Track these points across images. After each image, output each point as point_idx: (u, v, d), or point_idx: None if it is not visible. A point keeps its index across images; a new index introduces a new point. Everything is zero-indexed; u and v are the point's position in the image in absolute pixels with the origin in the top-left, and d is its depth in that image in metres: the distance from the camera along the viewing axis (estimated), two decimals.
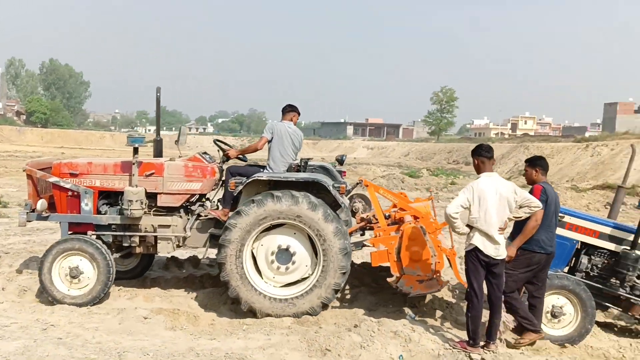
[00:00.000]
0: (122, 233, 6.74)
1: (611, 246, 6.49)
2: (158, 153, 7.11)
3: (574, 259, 6.69)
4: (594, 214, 8.65)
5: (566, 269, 6.63)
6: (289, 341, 5.37)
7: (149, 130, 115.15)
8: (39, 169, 6.89)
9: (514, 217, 5.40)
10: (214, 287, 7.43)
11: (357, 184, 7.32)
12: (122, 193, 6.68)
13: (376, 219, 7.05)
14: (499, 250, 5.30)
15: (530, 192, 5.59)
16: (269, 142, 7.02)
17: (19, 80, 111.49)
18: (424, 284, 5.97)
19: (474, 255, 5.33)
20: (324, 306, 6.37)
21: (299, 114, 7.31)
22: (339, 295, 7.16)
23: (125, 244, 6.80)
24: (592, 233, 6.55)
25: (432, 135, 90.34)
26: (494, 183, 5.36)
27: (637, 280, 6.32)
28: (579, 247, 6.62)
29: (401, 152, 70.32)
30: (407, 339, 5.35)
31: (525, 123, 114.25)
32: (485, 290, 5.45)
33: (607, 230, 6.52)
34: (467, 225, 5.40)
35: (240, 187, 6.53)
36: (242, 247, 6.31)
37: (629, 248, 6.31)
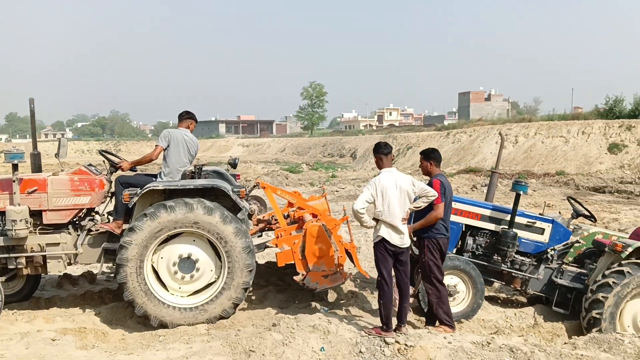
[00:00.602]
0: (6, 255, 6.30)
1: (491, 226, 7.24)
2: (37, 168, 6.70)
3: (460, 240, 7.38)
4: (469, 198, 9.48)
5: (454, 251, 7.29)
6: (211, 347, 5.38)
7: (0, 139, 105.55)
8: None
9: (414, 207, 5.84)
10: (115, 302, 7.19)
11: (254, 186, 7.45)
12: (3, 213, 6.25)
13: (276, 220, 7.23)
14: (403, 239, 5.72)
15: (430, 184, 6.07)
16: (164, 150, 6.90)
17: None
18: (329, 279, 6.28)
19: (381, 246, 5.71)
20: (235, 306, 6.43)
21: (196, 121, 7.28)
22: (249, 295, 7.29)
23: (11, 266, 6.35)
24: (475, 216, 7.25)
25: (305, 130, 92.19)
26: (394, 177, 5.77)
27: (516, 256, 7.12)
28: (464, 229, 7.31)
29: (277, 148, 70.98)
30: (326, 331, 5.60)
31: (390, 114, 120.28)
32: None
33: (487, 212, 7.26)
34: (373, 219, 5.76)
35: (136, 199, 6.36)
36: (142, 263, 6.17)
37: (507, 227, 7.08)
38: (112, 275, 6.54)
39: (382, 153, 5.87)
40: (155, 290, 6.27)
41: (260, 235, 7.75)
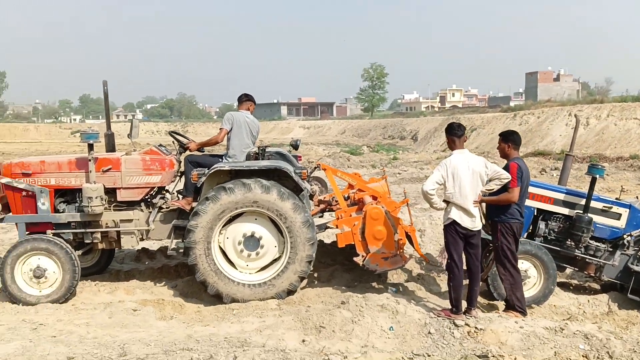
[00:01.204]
0: (83, 230, 6.67)
1: (565, 211, 7.04)
2: (111, 147, 7.03)
3: (531, 225, 7.22)
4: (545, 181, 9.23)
5: (525, 235, 7.15)
6: (283, 321, 5.55)
7: (74, 119, 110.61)
8: None
9: (486, 189, 5.76)
10: (190, 276, 7.48)
11: (315, 167, 7.54)
12: (79, 190, 6.59)
13: (336, 201, 7.31)
14: (475, 222, 5.67)
15: (506, 168, 5.91)
16: (228, 132, 7.10)
17: None
18: (389, 261, 6.30)
19: (452, 229, 5.68)
20: (301, 279, 6.61)
21: (254, 103, 7.45)
22: (317, 273, 7.43)
23: (87, 241, 6.72)
24: (548, 200, 7.07)
25: (365, 112, 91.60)
26: (466, 159, 5.70)
27: (591, 241, 6.91)
28: (536, 213, 7.14)
29: (337, 130, 71.06)
30: (395, 311, 5.65)
31: (453, 95, 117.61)
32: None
33: (561, 196, 7.06)
34: (444, 201, 5.73)
35: (204, 179, 6.59)
36: (209, 244, 6.41)
37: (581, 212, 6.87)
38: (182, 251, 6.83)
39: (454, 135, 5.81)
40: (224, 269, 6.51)
41: (322, 216, 7.87)
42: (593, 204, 6.86)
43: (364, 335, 5.30)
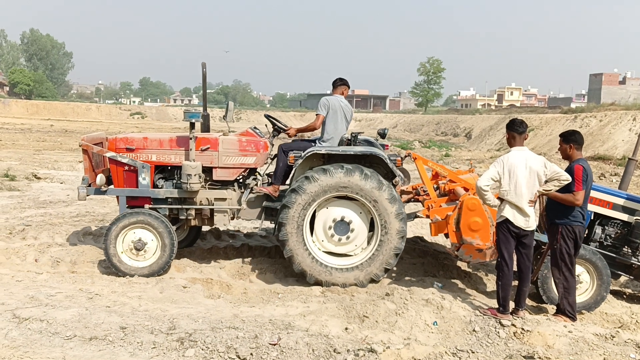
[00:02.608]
0: (179, 206, 6.91)
1: (624, 217, 6.78)
2: (206, 128, 7.22)
3: (587, 229, 7.00)
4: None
5: None
6: (327, 308, 5.61)
7: (134, 102, 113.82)
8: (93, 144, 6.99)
9: (543, 190, 5.63)
10: (237, 258, 7.67)
11: (405, 156, 7.51)
12: (177, 167, 6.86)
13: (424, 191, 7.28)
14: (529, 222, 5.55)
15: (568, 171, 5.70)
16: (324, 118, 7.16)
17: (0, 51, 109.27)
18: (482, 253, 6.17)
19: (504, 227, 5.59)
20: (386, 270, 6.65)
21: (349, 87, 7.45)
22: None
23: (182, 217, 6.97)
24: (606, 204, 6.83)
25: (419, 107, 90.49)
26: (524, 157, 5.59)
27: None
28: (592, 217, 6.92)
29: (389, 124, 70.48)
30: (439, 306, 5.62)
31: (512, 94, 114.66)
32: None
33: (620, 201, 6.81)
34: (498, 198, 5.64)
35: (300, 161, 6.69)
36: (302, 222, 6.53)
37: None
38: (272, 232, 6.92)
39: (516, 131, 5.69)
40: (313, 249, 6.61)
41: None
42: None
43: (407, 327, 5.30)
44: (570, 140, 5.95)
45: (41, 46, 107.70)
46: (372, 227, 6.75)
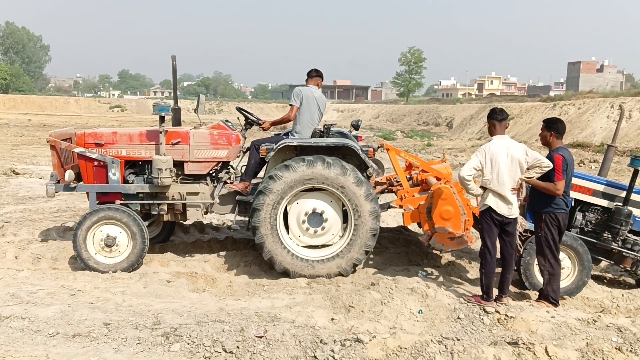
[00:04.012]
0: (150, 202, 6.83)
1: (604, 203, 6.87)
2: (177, 122, 7.13)
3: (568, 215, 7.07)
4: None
5: None
6: (313, 299, 5.61)
7: (113, 95, 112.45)
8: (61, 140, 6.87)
9: (525, 177, 5.67)
10: (221, 251, 7.63)
11: (378, 147, 7.50)
12: (148, 162, 6.78)
13: (398, 182, 7.30)
14: (511, 209, 5.60)
15: (550, 159, 5.73)
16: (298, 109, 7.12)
17: None
18: (455, 241, 6.20)
19: (487, 215, 5.63)
20: (355, 266, 6.65)
21: (322, 79, 7.41)
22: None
23: (154, 212, 6.90)
24: (587, 191, 6.91)
25: (401, 97, 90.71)
26: (506, 145, 5.62)
27: (629, 235, 6.75)
28: (573, 204, 7.00)
29: (371, 115, 70.58)
30: (424, 295, 5.66)
31: (492, 83, 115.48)
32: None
33: (601, 187, 6.89)
34: (481, 187, 5.68)
35: (272, 153, 6.66)
36: (276, 210, 6.50)
37: (621, 204, 6.70)
38: (244, 225, 6.86)
39: (496, 119, 5.72)
40: (284, 239, 6.59)
41: (378, 198, 7.88)
42: (634, 196, 6.69)
43: (393, 317, 5.32)
44: (552, 128, 5.98)
45: (17, 39, 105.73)
46: (345, 214, 6.74)
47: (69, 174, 6.70)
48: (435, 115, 58.63)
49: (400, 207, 6.93)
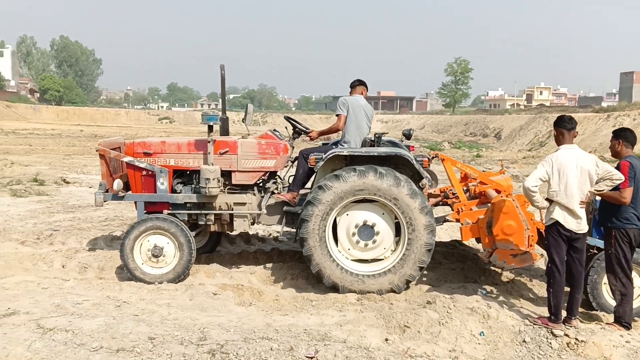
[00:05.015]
0: (198, 212, 6.69)
1: None
2: (225, 131, 6.98)
3: None
4: None
5: None
6: (364, 317, 5.30)
7: (162, 107, 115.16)
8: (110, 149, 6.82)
9: (595, 190, 5.23)
10: (268, 263, 7.41)
11: (433, 157, 7.17)
12: (195, 172, 6.66)
13: (454, 194, 6.94)
14: (580, 224, 5.16)
15: (617, 167, 5.37)
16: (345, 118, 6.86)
17: (30, 58, 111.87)
18: (518, 258, 5.78)
19: (554, 230, 5.20)
20: (408, 282, 6.31)
21: (367, 88, 7.16)
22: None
23: (201, 222, 6.76)
24: None
25: (446, 108, 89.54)
26: (575, 155, 5.20)
27: None
28: None
29: (416, 125, 69.76)
30: (485, 315, 5.27)
31: (541, 94, 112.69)
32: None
33: None
34: (547, 199, 5.27)
35: (321, 163, 6.40)
36: (325, 222, 6.22)
37: None
38: (292, 237, 6.69)
39: (564, 127, 5.30)
40: (333, 252, 6.32)
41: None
42: None
43: (452, 338, 4.96)
44: (621, 136, 5.58)
45: (71, 53, 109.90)
46: (398, 227, 6.40)
47: (118, 183, 6.62)
48: (482, 126, 57.55)
49: (457, 220, 6.56)
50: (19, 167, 16.71)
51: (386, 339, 4.88)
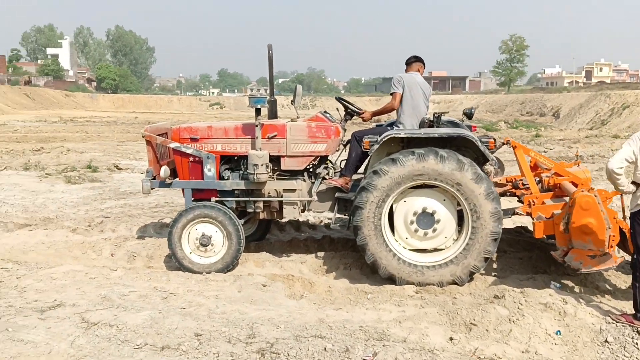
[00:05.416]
0: (246, 199, 6.41)
1: None
2: (273, 114, 6.63)
3: None
4: None
5: None
6: (426, 313, 4.88)
7: (213, 93, 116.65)
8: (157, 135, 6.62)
9: None
10: (319, 251, 7.06)
11: (503, 144, 6.63)
12: (243, 157, 6.36)
13: (524, 185, 6.39)
14: None
15: None
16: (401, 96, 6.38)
17: (87, 49, 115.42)
18: (596, 260, 5.18)
19: None
20: (472, 274, 5.84)
21: (424, 65, 6.65)
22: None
23: (249, 210, 6.47)
24: None
25: (501, 87, 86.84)
26: None
27: None
28: None
29: (470, 105, 67.70)
30: (561, 312, 4.75)
31: (601, 70, 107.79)
32: None
33: None
34: (633, 183, 4.68)
35: (376, 146, 5.96)
36: (380, 209, 5.79)
37: None
38: (345, 225, 6.31)
39: None
40: (389, 241, 5.91)
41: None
42: None
43: (525, 338, 4.47)
44: None
45: (125, 42, 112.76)
46: (460, 215, 5.91)
47: (165, 170, 6.39)
48: (540, 104, 55.32)
49: (528, 214, 6.01)
50: (74, 154, 16.97)
51: (451, 338, 4.45)
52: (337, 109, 6.88)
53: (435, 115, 6.30)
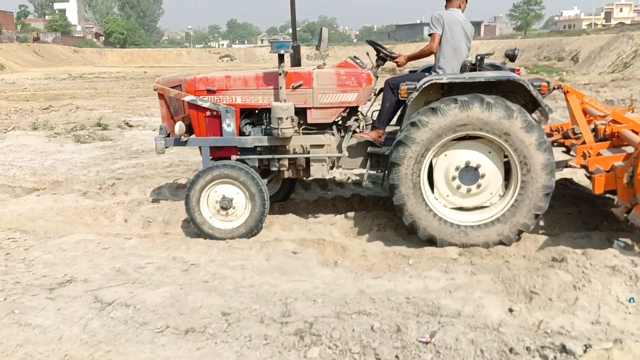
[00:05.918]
0: (270, 156, 5.84)
1: None
2: (296, 62, 5.96)
3: None
4: None
5: None
6: (479, 281, 4.34)
7: (222, 45, 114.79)
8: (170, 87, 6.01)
9: None
10: (349, 211, 6.51)
11: (555, 88, 5.95)
12: (266, 110, 5.75)
13: (575, 134, 5.76)
14: None
15: None
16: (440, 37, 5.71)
17: (94, 2, 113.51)
18: None
19: None
20: (521, 233, 5.29)
21: (466, 0, 5.91)
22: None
23: (273, 168, 5.90)
24: None
25: (518, 31, 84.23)
26: None
27: None
28: None
29: (485, 51, 64.43)
30: (632, 276, 4.18)
31: (621, 11, 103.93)
32: None
33: None
34: None
35: (415, 94, 5.31)
36: (420, 165, 5.20)
37: None
38: (378, 182, 5.74)
39: None
40: (429, 199, 5.34)
41: None
42: None
43: (594, 307, 3.92)
44: None
45: None
46: (508, 168, 5.32)
47: (180, 126, 5.81)
48: (558, 48, 53.54)
49: (583, 167, 5.41)
50: (83, 111, 16.43)
51: (510, 310, 3.93)
52: (367, 53, 6.20)
53: (478, 57, 5.62)
